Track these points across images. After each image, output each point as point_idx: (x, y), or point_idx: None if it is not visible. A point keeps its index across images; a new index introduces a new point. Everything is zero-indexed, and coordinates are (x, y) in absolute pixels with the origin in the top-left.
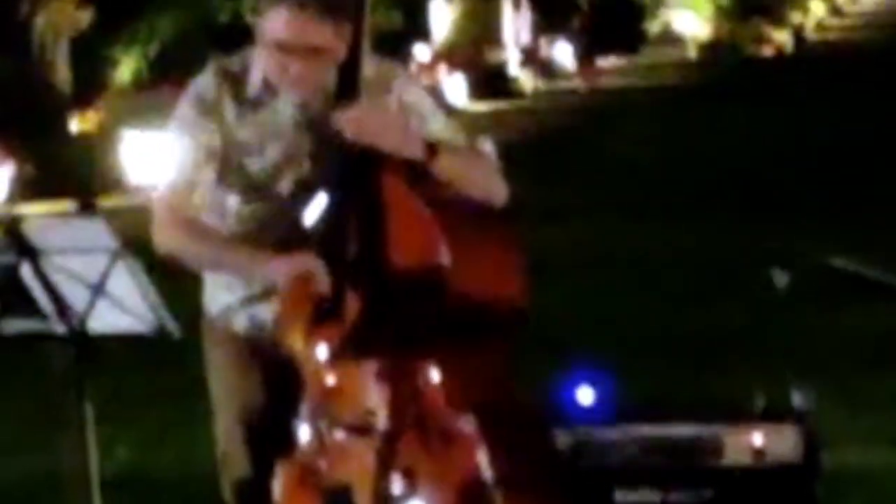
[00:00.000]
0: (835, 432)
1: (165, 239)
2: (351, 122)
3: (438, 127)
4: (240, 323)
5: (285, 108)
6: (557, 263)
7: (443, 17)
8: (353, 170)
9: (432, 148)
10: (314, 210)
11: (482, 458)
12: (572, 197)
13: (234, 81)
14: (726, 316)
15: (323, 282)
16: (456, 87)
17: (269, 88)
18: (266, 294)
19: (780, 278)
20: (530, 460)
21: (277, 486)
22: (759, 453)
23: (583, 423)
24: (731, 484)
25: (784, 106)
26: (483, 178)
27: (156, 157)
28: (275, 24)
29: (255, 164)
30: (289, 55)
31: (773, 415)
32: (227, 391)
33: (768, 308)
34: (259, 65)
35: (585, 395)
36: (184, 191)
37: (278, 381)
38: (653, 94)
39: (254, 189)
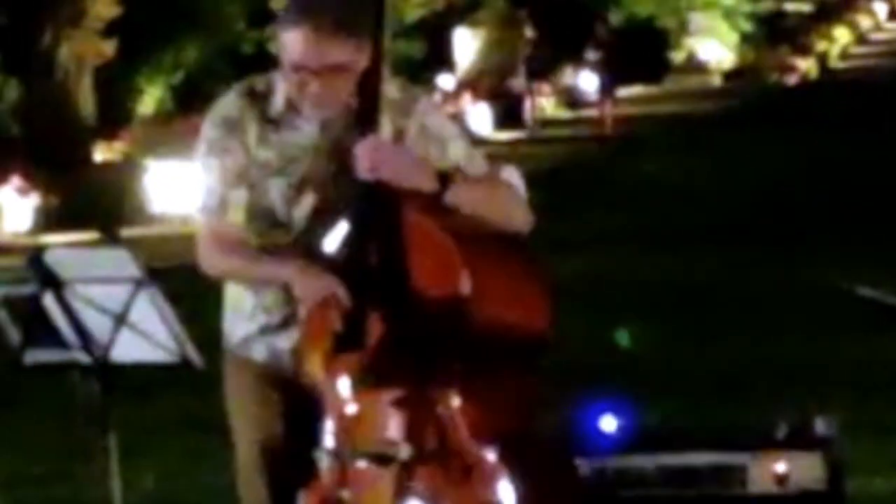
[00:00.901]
0: (859, 459)
1: (209, 265)
2: (363, 158)
3: (458, 153)
4: (259, 352)
5: (307, 130)
6: (580, 293)
7: (467, 46)
8: (372, 199)
9: (445, 179)
10: (334, 238)
11: (504, 488)
12: (593, 226)
13: (258, 101)
14: (750, 345)
15: (345, 305)
16: (480, 116)
17: (292, 109)
18: (285, 324)
19: (623, 339)
20: (553, 489)
21: None
22: (782, 480)
23: (606, 452)
24: None
25: (809, 133)
26: (502, 206)
27: (180, 186)
28: (291, 46)
29: (276, 185)
30: (307, 74)
31: (797, 442)
32: (246, 421)
33: (792, 337)
34: (282, 85)
35: (608, 424)
36: (218, 212)
37: (298, 410)
38: (677, 123)
39: (273, 213)
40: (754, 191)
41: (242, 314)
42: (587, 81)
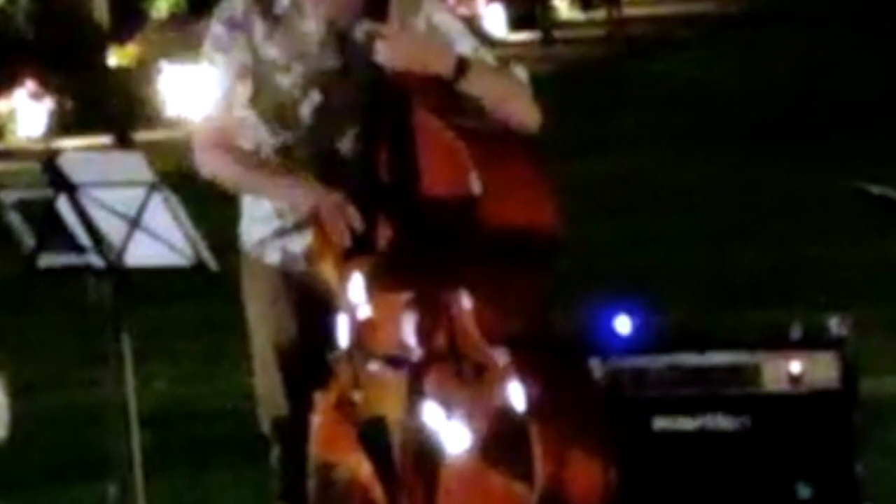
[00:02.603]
0: (873, 359)
1: (204, 161)
2: (383, 50)
3: (467, 49)
4: (273, 255)
5: (313, 26)
6: (599, 196)
7: None
8: (381, 99)
9: (461, 64)
10: (343, 140)
11: (516, 389)
12: (614, 129)
13: None
14: (767, 246)
15: (352, 217)
16: (495, 17)
17: (296, 5)
18: (298, 227)
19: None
20: (565, 390)
21: (314, 419)
22: (796, 380)
23: (620, 353)
24: (768, 411)
25: (832, 33)
26: (515, 100)
27: (194, 89)
28: None
29: (284, 82)
30: None
31: (811, 341)
32: (262, 323)
33: (809, 237)
34: None
35: (623, 325)
36: (224, 107)
37: (312, 312)
38: (697, 22)
39: (282, 110)
40: (774, 90)
41: (258, 217)
42: None
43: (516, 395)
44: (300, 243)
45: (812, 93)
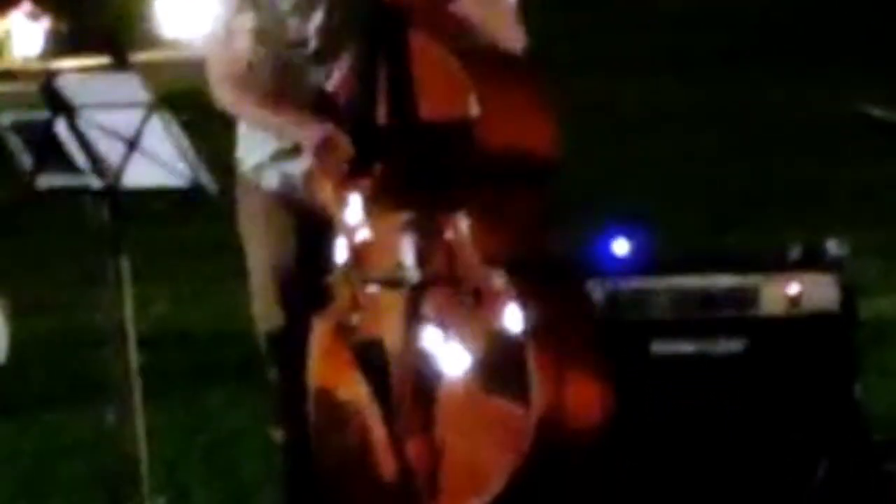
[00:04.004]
0: (871, 282)
1: (219, 96)
2: None
3: None
4: (271, 179)
5: None
6: (600, 117)
7: None
8: (380, 20)
9: None
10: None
11: (514, 312)
12: (616, 50)
13: None
14: (766, 169)
15: (346, 149)
16: None
17: None
18: (297, 150)
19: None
20: (563, 313)
21: (312, 343)
22: (795, 302)
23: (619, 275)
24: (767, 333)
25: None
26: (498, 22)
27: (192, 11)
28: None
29: (285, 4)
30: None
31: (810, 264)
32: (259, 246)
33: (806, 160)
34: None
35: (621, 247)
36: (224, 40)
37: (310, 236)
38: None
39: (286, 31)
40: (772, 12)
41: (255, 140)
42: None
43: (514, 317)
44: (298, 166)
45: (812, 14)
